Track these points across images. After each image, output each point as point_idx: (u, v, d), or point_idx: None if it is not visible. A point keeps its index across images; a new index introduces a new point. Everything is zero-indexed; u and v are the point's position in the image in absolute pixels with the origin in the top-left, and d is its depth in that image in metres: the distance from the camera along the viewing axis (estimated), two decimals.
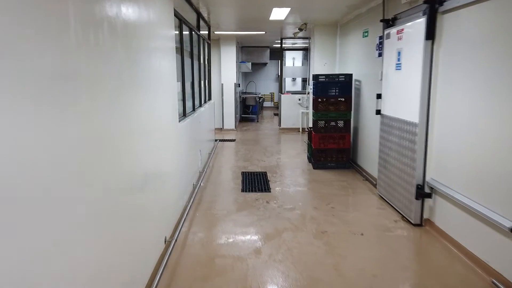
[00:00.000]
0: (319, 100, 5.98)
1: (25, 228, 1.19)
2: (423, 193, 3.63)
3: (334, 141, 6.01)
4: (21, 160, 1.18)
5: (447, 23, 3.34)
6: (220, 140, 8.68)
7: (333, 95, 5.94)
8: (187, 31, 5.10)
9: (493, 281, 2.71)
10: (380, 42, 4.93)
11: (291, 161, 6.68)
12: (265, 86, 15.90)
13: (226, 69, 9.90)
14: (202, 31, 6.89)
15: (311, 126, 6.78)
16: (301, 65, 13.07)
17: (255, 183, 5.28)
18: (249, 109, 12.80)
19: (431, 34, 3.46)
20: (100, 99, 1.78)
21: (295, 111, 9.97)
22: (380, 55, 4.93)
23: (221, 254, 3.21)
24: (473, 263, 3.00)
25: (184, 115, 4.54)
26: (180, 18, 4.31)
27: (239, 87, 11.54)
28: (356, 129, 6.11)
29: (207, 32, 7.65)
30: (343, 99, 5.97)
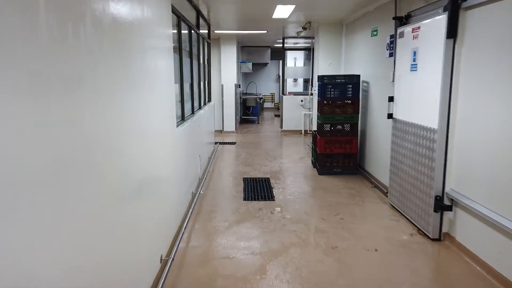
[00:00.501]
0: (325, 102, 5.68)
1: None
2: (442, 206, 3.34)
3: (340, 146, 5.71)
4: None
5: (471, 20, 3.05)
6: (220, 143, 8.38)
7: (340, 97, 5.65)
8: (186, 29, 4.81)
9: None
10: (391, 41, 4.64)
11: (294, 166, 6.38)
12: (266, 86, 15.61)
13: (226, 70, 9.60)
14: (202, 30, 6.59)
15: (315, 129, 6.49)
16: (302, 65, 12.79)
17: (258, 190, 4.99)
18: (250, 110, 12.51)
19: (453, 32, 3.17)
20: (81, 101, 1.49)
21: (297, 113, 9.68)
22: (391, 55, 4.64)
23: (223, 273, 2.91)
24: (499, 283, 2.71)
25: (182, 119, 4.24)
26: (178, 15, 4.01)
27: (240, 87, 11.25)
28: (363, 133, 5.82)
29: (207, 31, 7.36)
30: (350, 102, 5.68)
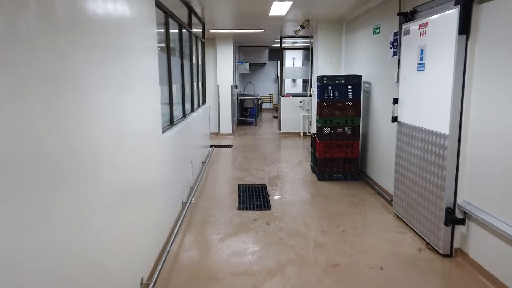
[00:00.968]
0: (324, 104, 5.38)
1: None
2: (454, 219, 3.03)
3: (341, 150, 5.41)
4: None
5: (486, 14, 2.75)
6: (215, 146, 8.07)
7: (340, 99, 5.34)
8: (176, 27, 4.50)
9: None
10: (395, 39, 4.34)
11: (292, 170, 6.08)
12: (264, 87, 15.30)
13: (222, 70, 9.29)
14: (195, 30, 6.29)
15: (314, 132, 6.19)
16: (301, 65, 12.49)
17: (254, 198, 4.68)
18: (247, 112, 12.20)
19: (465, 27, 2.87)
20: (32, 102, 1.19)
21: (296, 114, 9.38)
22: (395, 54, 4.33)
23: None
24: None
25: (171, 123, 3.93)
26: (166, 11, 3.71)
27: (237, 88, 10.95)
28: (365, 137, 5.51)
29: (201, 30, 7.05)
30: (351, 103, 5.38)
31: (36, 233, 1.28)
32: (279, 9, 5.72)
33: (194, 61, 5.88)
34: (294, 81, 13.65)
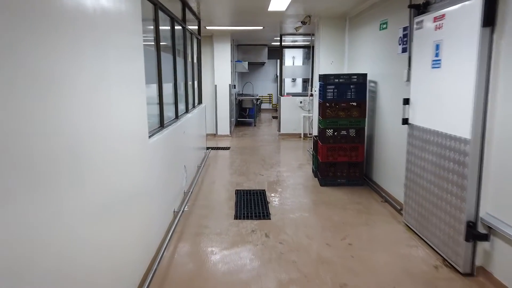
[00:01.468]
0: (327, 104, 5.05)
1: None
2: (476, 234, 2.71)
3: (345, 153, 5.08)
4: None
5: None
6: (212, 148, 7.74)
7: (344, 99, 5.01)
8: (168, 22, 4.17)
9: None
10: (404, 34, 4.01)
11: (293, 175, 5.75)
12: (263, 87, 14.96)
13: (219, 69, 8.95)
14: (191, 26, 5.96)
15: (316, 134, 5.86)
16: (301, 64, 12.16)
17: (252, 206, 4.35)
18: (246, 112, 11.87)
19: (490, 19, 2.54)
20: None
21: (296, 115, 9.05)
22: (404, 50, 4.01)
23: None
24: None
25: (161, 125, 3.60)
26: (155, 2, 3.37)
27: (235, 88, 10.61)
28: (370, 139, 5.18)
29: (196, 27, 6.72)
30: (355, 104, 5.05)
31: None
32: (279, 4, 5.39)
33: (189, 59, 5.55)
34: (294, 80, 13.32)
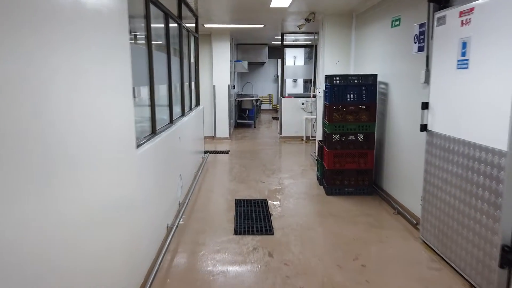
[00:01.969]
0: (334, 108, 4.69)
1: None
2: None
3: (353, 160, 4.72)
4: None
5: None
6: (211, 152, 7.37)
7: (352, 102, 4.66)
8: (162, 18, 3.81)
9: None
10: (421, 32, 3.65)
11: (296, 182, 5.39)
12: (263, 87, 14.60)
13: (218, 69, 8.59)
14: (188, 24, 5.60)
15: (321, 139, 5.51)
16: (303, 64, 11.80)
17: (253, 218, 3.99)
18: (246, 114, 11.51)
19: None
20: None
21: (298, 116, 8.69)
22: (421, 49, 3.65)
23: None
24: None
25: (153, 132, 3.24)
26: None
27: (234, 89, 10.24)
28: (380, 145, 4.83)
29: (194, 25, 6.35)
30: (364, 107, 4.69)
31: None
32: (281, 0, 5.03)
33: (185, 59, 5.18)
34: (295, 81, 12.97)
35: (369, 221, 3.93)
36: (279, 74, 10.92)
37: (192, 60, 5.96)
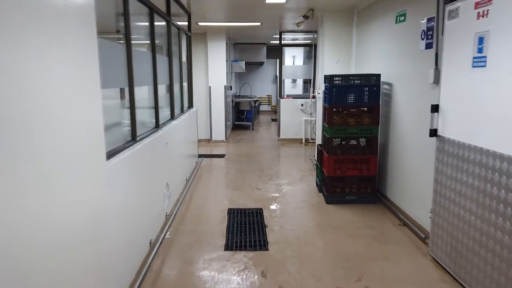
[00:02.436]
0: (334, 110, 4.37)
1: None
2: None
3: (354, 166, 4.40)
4: None
5: None
6: (206, 155, 7.05)
7: (354, 104, 4.33)
8: (146, 13, 3.50)
9: None
10: (429, 27, 3.33)
11: (295, 188, 5.07)
12: (261, 88, 14.27)
13: (214, 69, 8.27)
14: (181, 22, 5.30)
15: (320, 143, 5.19)
16: (302, 64, 11.47)
17: (246, 231, 3.67)
18: (244, 115, 11.19)
19: None
20: None
21: (297, 118, 8.36)
22: (429, 46, 3.33)
23: None
24: None
25: (133, 139, 2.92)
26: None
27: (231, 90, 9.92)
28: (384, 150, 4.50)
29: (186, 23, 6.04)
30: (367, 109, 4.37)
31: None
32: None
33: (175, 58, 4.87)
34: (294, 81, 12.65)
35: (372, 234, 3.60)
36: (278, 74, 10.59)
37: (184, 59, 5.64)
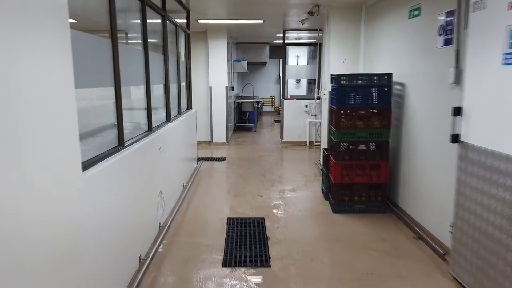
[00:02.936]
0: (342, 112, 4.06)
1: None
2: None
3: (363, 173, 4.09)
4: None
5: None
6: (206, 159, 6.76)
7: (363, 106, 4.02)
8: (138, 6, 3.21)
9: None
10: (448, 22, 3.02)
11: (298, 195, 4.76)
12: (264, 88, 13.97)
13: (215, 69, 7.97)
14: (179, 20, 5.02)
15: (326, 147, 4.88)
16: (306, 64, 11.16)
17: (247, 243, 3.37)
18: (246, 116, 10.90)
19: None
20: None
21: (301, 120, 8.05)
22: (448, 42, 3.02)
23: None
24: None
25: (119, 144, 2.63)
26: None
27: (233, 90, 9.63)
28: (395, 155, 4.19)
29: (185, 20, 5.75)
30: (377, 111, 4.06)
31: None
32: None
33: (172, 57, 4.58)
34: (298, 81, 12.34)
35: (384, 248, 3.29)
36: (281, 74, 10.29)
37: (182, 58, 5.35)
